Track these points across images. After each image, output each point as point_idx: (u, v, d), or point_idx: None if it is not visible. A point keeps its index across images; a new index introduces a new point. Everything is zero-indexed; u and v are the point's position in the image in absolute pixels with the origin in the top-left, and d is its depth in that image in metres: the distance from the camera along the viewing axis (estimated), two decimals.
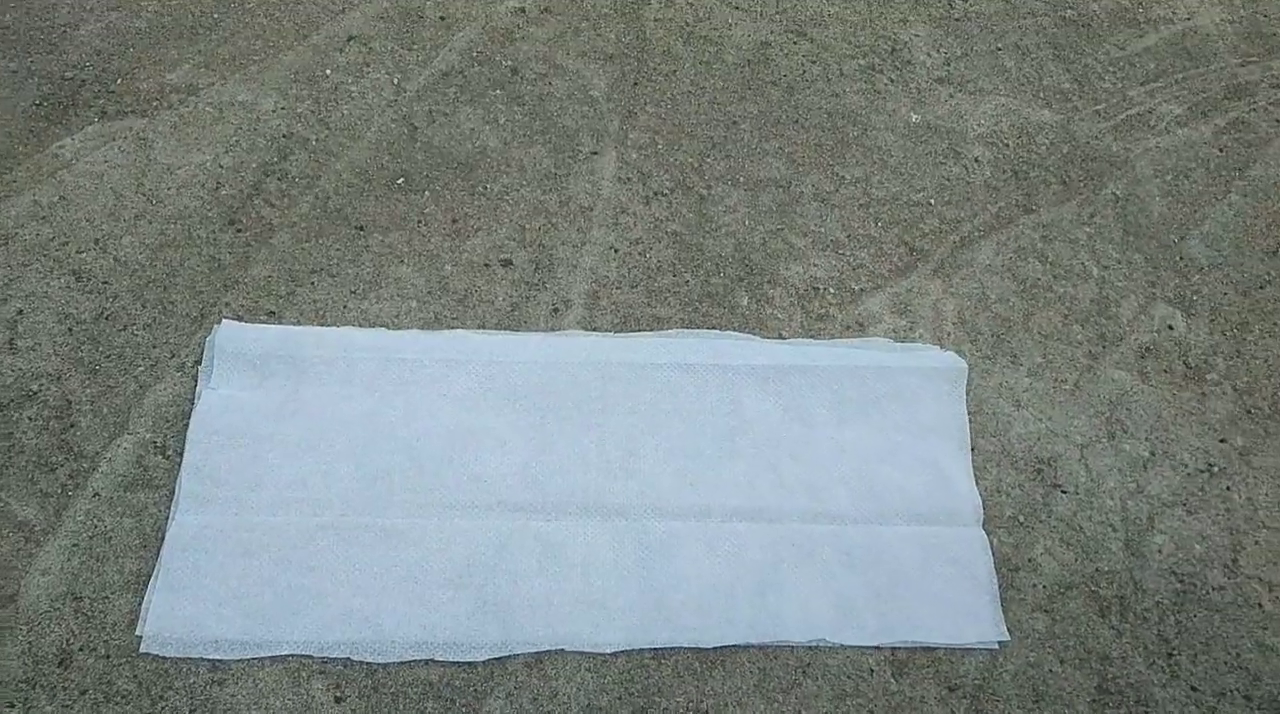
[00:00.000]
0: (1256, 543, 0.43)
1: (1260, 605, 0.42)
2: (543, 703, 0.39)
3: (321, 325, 0.47)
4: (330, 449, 0.43)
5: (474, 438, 0.44)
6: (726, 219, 0.52)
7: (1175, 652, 0.40)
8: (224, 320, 0.47)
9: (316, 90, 0.56)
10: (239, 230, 0.50)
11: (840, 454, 0.45)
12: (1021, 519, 0.43)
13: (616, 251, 0.50)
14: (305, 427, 0.44)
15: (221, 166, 0.52)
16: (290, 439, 0.43)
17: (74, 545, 0.41)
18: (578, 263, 0.50)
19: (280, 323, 0.47)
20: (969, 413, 0.46)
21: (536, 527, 0.43)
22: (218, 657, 0.39)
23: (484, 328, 0.48)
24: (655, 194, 0.53)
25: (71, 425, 0.44)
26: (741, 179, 0.54)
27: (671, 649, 0.40)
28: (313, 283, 0.48)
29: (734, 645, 0.40)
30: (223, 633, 0.39)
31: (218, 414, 0.44)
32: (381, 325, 0.47)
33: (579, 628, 0.40)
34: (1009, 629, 0.41)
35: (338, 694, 0.39)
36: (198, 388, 0.45)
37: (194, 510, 0.41)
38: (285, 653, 0.39)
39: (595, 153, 0.54)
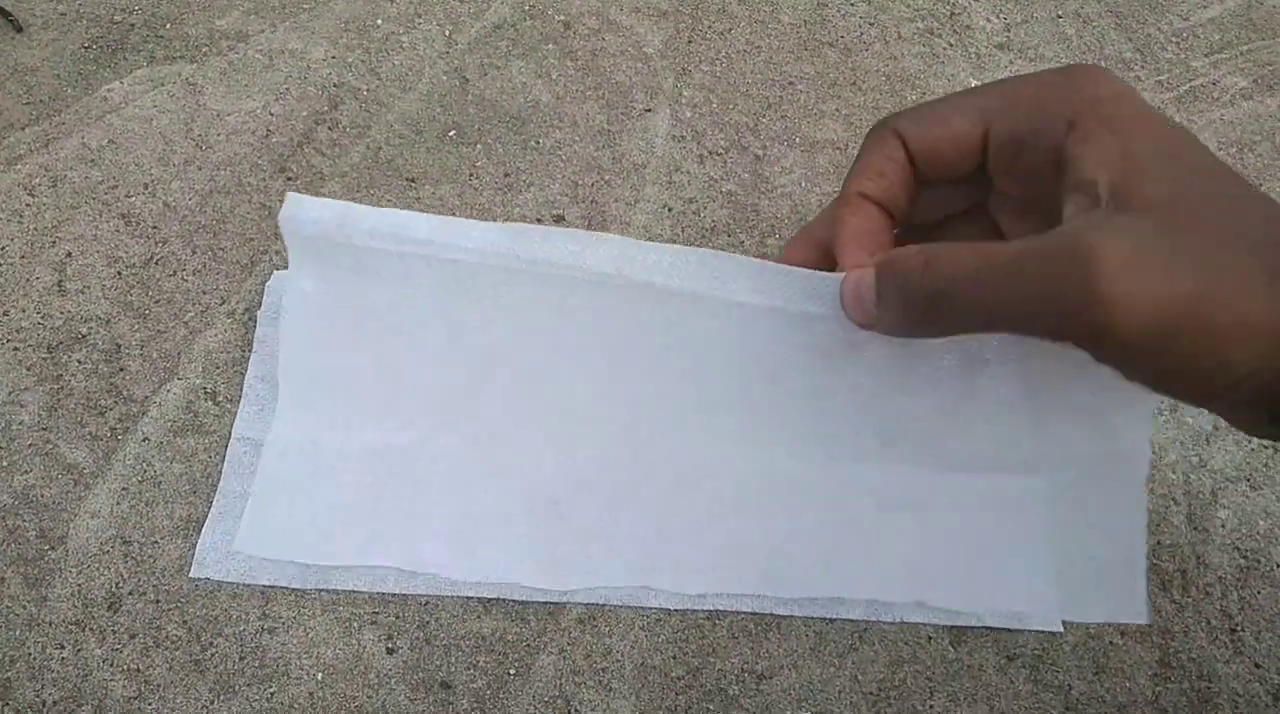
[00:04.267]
0: None
1: None
2: (595, 659, 0.38)
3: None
4: (405, 359, 0.41)
5: (552, 359, 0.42)
6: (782, 180, 0.51)
7: (1238, 627, 0.40)
8: (289, 193, 0.40)
9: (367, 40, 0.55)
10: (289, 178, 0.49)
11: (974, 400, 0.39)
12: None
13: (670, 210, 0.50)
14: (378, 332, 0.41)
15: (272, 114, 0.51)
16: (363, 347, 0.41)
17: (123, 489, 0.41)
18: (631, 220, 0.49)
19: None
20: None
21: (617, 455, 0.41)
22: (312, 561, 0.38)
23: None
24: (710, 153, 0.52)
25: (121, 369, 0.44)
26: (798, 140, 0.52)
27: (726, 612, 0.39)
28: None
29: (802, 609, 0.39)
30: (315, 541, 0.39)
31: (299, 317, 0.41)
32: None
33: (662, 565, 0.39)
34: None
35: (389, 645, 0.38)
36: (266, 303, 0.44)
37: (285, 420, 0.41)
38: (377, 563, 0.39)
39: (649, 110, 0.53)
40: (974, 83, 0.56)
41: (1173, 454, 0.44)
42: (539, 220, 0.49)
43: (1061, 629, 0.39)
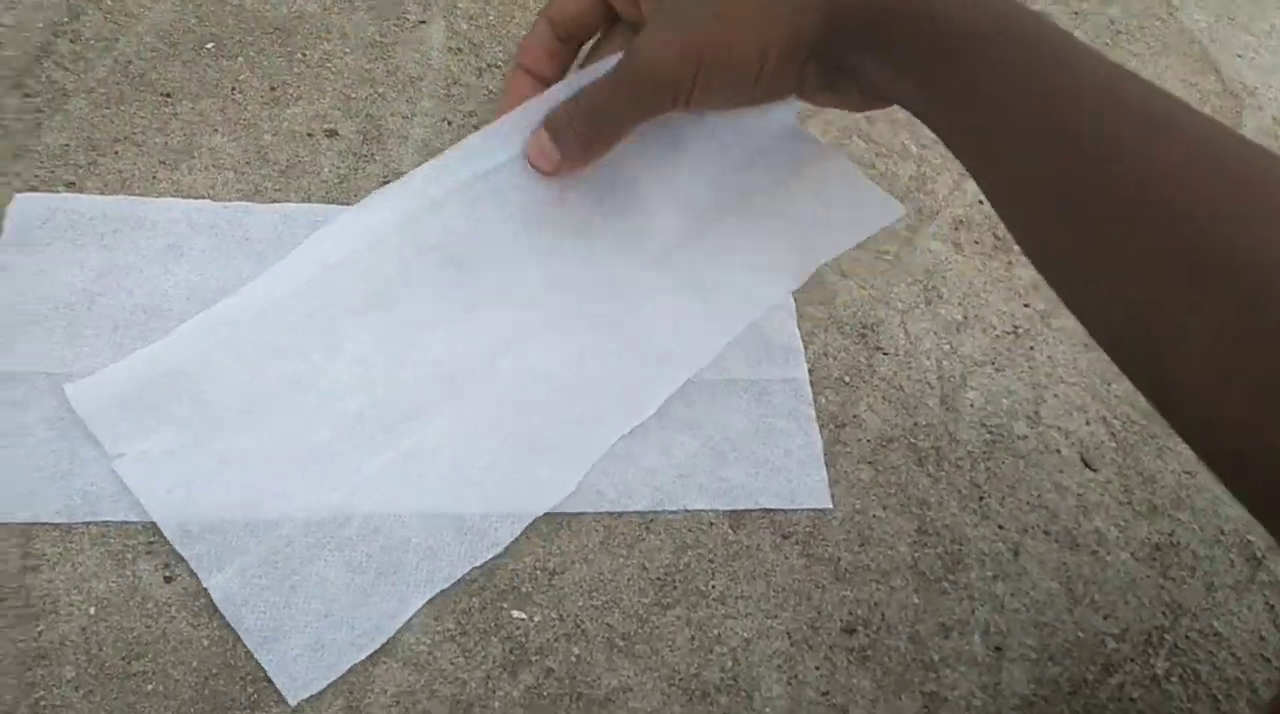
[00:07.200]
0: (1055, 396, 0.47)
1: (1058, 451, 0.45)
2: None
3: (129, 195, 0.43)
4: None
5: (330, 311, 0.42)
6: None
7: (985, 495, 0.44)
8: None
9: None
10: (27, 95, 0.45)
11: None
12: (847, 380, 0.46)
13: (449, 123, 0.49)
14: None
15: (3, 25, 0.47)
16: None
17: None
18: (408, 134, 0.48)
19: (82, 193, 0.43)
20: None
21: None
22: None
23: (309, 201, 0.45)
24: (488, 66, 0.51)
25: None
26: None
27: None
28: (116, 152, 0.45)
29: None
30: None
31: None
32: (196, 196, 0.44)
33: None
34: (837, 480, 0.43)
35: (167, 574, 0.37)
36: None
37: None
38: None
39: (423, 21, 0.52)
40: None
41: (927, 343, 0.47)
42: (310, 135, 0.47)
43: (831, 506, 0.42)
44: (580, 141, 0.40)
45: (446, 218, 0.44)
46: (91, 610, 0.36)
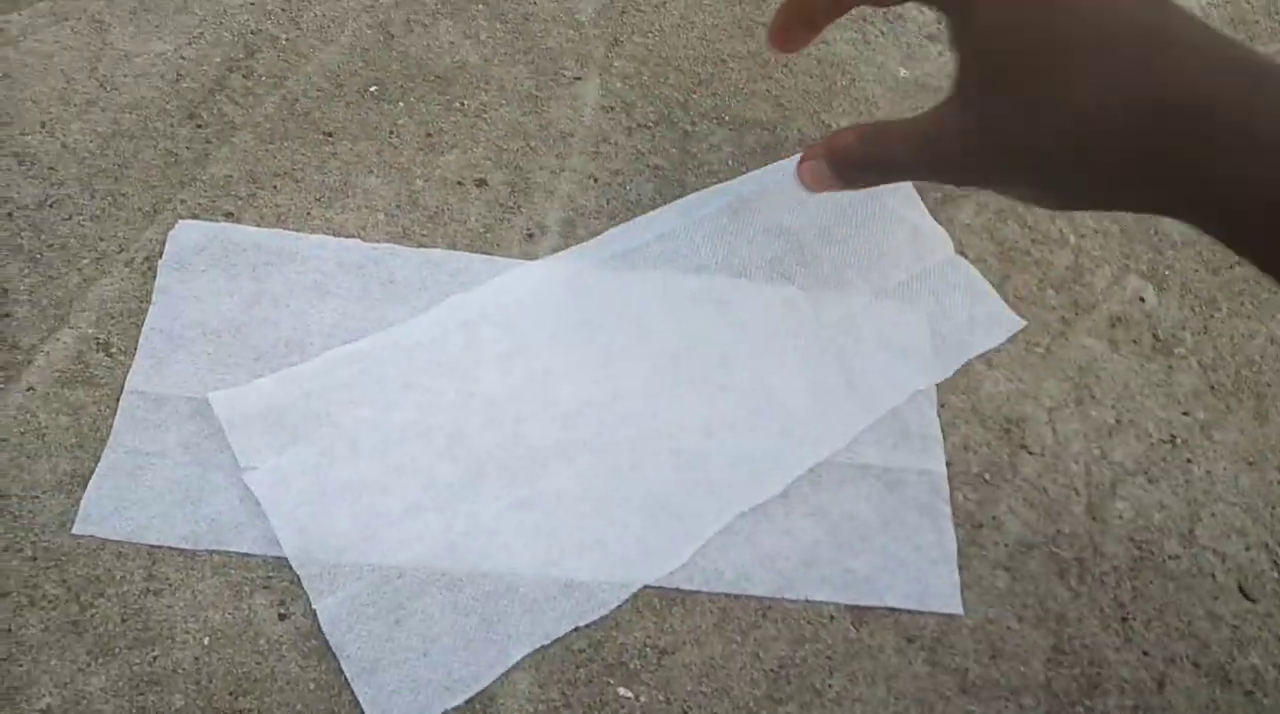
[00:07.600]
0: (1213, 515, 0.44)
1: (1213, 576, 0.42)
2: None
3: (283, 229, 0.44)
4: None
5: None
6: (710, 157, 0.50)
7: (1130, 616, 0.41)
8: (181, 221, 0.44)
9: None
10: (199, 126, 0.47)
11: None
12: (987, 477, 0.43)
13: (596, 181, 0.49)
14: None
15: (183, 58, 0.49)
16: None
17: (3, 440, 0.39)
18: (555, 189, 0.48)
19: (239, 224, 0.44)
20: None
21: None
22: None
23: (454, 248, 0.45)
24: (638, 125, 0.51)
25: (6, 315, 0.41)
26: (727, 118, 0.52)
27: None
28: (275, 186, 0.46)
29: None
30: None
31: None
32: (346, 235, 0.45)
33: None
34: (969, 584, 0.40)
35: (282, 611, 0.37)
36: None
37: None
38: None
39: (578, 78, 0.52)
40: (903, 72, 0.56)
41: (1075, 445, 0.44)
42: (460, 183, 0.47)
43: (962, 612, 0.39)
44: (861, 178, 0.41)
45: (591, 281, 0.45)
46: (206, 641, 0.36)
